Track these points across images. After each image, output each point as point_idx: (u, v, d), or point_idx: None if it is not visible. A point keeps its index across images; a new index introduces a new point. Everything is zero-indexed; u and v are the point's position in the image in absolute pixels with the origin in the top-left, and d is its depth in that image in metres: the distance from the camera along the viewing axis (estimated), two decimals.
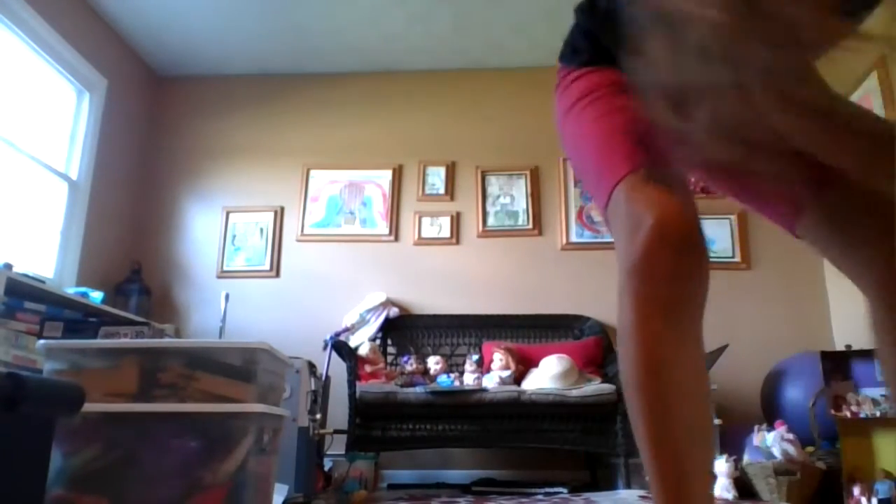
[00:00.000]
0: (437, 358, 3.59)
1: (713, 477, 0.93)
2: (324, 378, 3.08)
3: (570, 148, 1.04)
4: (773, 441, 2.83)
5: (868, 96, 3.29)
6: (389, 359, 3.79)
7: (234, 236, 4.27)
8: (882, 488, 2.38)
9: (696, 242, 0.82)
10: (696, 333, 0.87)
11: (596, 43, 1.02)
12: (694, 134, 0.70)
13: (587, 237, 4.14)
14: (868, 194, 0.84)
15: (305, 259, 4.20)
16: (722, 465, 2.81)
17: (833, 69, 0.72)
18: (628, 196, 0.86)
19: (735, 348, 3.32)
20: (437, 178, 4.30)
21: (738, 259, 4.01)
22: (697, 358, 0.87)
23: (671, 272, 0.82)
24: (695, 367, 0.87)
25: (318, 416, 2.72)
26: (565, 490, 3.15)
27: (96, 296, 3.35)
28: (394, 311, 3.92)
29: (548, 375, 3.21)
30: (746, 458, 2.87)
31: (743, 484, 2.84)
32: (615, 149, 0.91)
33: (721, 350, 3.18)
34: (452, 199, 4.27)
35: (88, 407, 1.24)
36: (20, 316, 2.74)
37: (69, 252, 3.67)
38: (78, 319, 3.00)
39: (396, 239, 4.21)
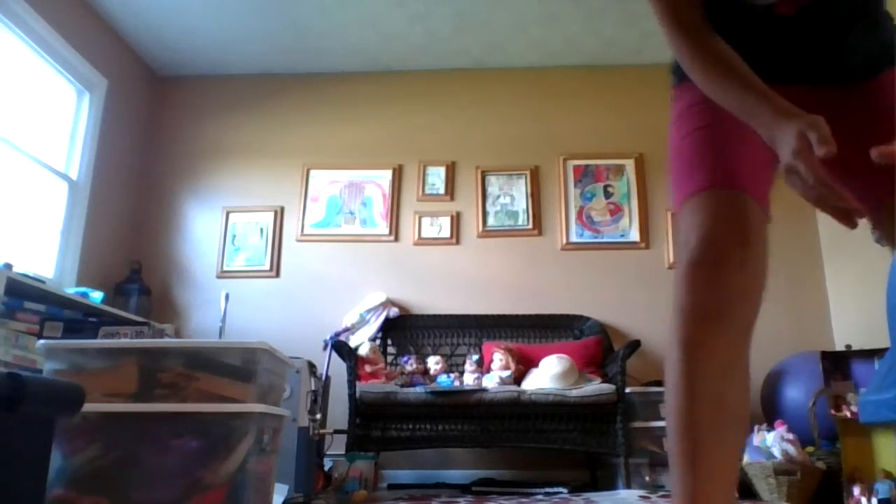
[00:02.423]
0: (437, 358, 3.59)
1: (737, 475, 0.99)
2: (324, 378, 3.09)
3: (669, 159, 1.15)
4: (773, 441, 2.83)
5: None
6: (389, 359, 3.79)
7: (234, 236, 4.27)
8: (882, 488, 2.37)
9: (738, 264, 0.89)
10: (736, 343, 0.92)
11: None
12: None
13: (587, 237, 4.14)
14: None
15: (305, 259, 4.20)
16: None
17: None
18: (688, 213, 0.97)
19: None
20: (437, 178, 4.30)
21: None
22: (735, 366, 0.93)
23: (707, 289, 0.90)
24: (730, 374, 0.92)
25: (318, 416, 2.73)
26: (565, 490, 3.15)
27: (96, 296, 3.35)
28: (394, 311, 3.92)
29: (548, 375, 3.21)
30: (746, 458, 2.87)
31: (743, 484, 2.84)
32: (689, 169, 1.02)
33: None
34: (452, 199, 4.27)
35: (88, 407, 1.24)
36: (20, 316, 2.74)
37: (69, 252, 3.67)
38: (78, 319, 3.00)
39: (396, 239, 4.21)
